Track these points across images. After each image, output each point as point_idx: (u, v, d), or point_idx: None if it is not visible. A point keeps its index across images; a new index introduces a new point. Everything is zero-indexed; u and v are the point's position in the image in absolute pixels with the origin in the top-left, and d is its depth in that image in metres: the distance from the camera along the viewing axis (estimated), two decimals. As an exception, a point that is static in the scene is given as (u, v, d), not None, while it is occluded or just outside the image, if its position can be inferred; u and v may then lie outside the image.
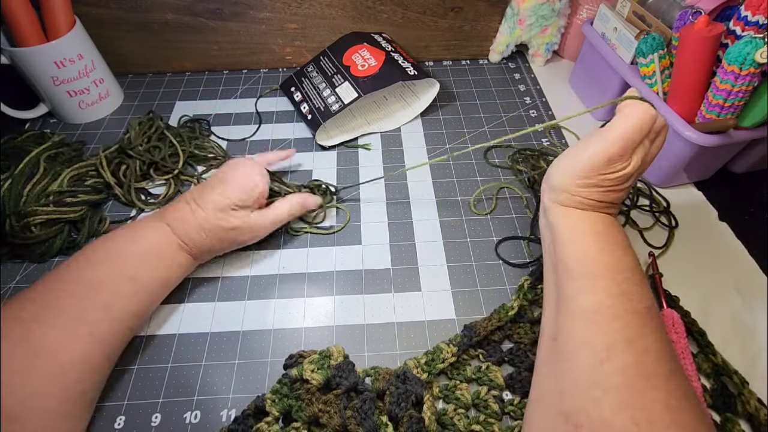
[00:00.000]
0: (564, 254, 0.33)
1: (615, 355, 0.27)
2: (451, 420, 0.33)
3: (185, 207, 0.39)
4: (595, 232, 0.33)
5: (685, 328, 0.37)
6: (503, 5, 0.62)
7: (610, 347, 0.27)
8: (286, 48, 0.64)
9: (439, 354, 0.36)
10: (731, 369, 0.36)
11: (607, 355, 0.27)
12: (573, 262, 0.32)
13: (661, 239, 0.46)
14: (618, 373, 0.26)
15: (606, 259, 0.32)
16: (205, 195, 0.39)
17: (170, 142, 0.51)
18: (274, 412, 0.32)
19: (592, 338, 0.28)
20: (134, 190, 0.48)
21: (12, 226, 0.41)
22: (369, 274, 0.43)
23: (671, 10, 0.48)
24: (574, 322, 0.30)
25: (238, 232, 0.40)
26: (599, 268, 0.31)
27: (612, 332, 0.28)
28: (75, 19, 0.53)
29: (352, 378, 0.34)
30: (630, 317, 0.28)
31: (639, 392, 0.25)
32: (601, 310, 0.29)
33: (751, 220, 0.48)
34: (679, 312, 0.39)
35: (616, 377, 0.26)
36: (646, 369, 0.26)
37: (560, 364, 0.29)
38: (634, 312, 0.29)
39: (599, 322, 0.29)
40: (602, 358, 0.27)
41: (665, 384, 0.26)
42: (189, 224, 0.38)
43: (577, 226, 0.34)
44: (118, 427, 0.34)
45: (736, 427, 0.33)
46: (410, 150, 0.55)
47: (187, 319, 0.40)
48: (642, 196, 0.49)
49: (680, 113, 0.44)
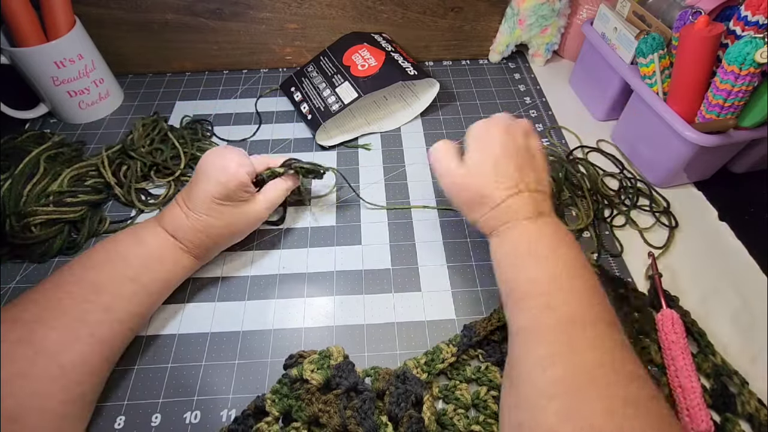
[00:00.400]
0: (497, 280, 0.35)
1: (554, 363, 0.28)
2: (450, 420, 0.33)
3: (178, 210, 0.39)
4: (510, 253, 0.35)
5: (685, 328, 0.37)
6: (503, 5, 0.62)
7: (548, 357, 0.28)
8: (286, 48, 0.64)
9: (438, 354, 0.36)
10: (731, 369, 0.36)
11: (547, 364, 0.28)
12: (503, 287, 0.34)
13: (662, 239, 0.46)
14: (558, 381, 0.27)
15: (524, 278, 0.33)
16: (191, 194, 0.39)
17: (173, 144, 0.51)
18: (274, 412, 0.33)
19: (530, 353, 0.29)
20: (134, 191, 0.48)
21: (12, 226, 0.41)
22: (369, 274, 0.43)
23: (671, 10, 0.48)
24: (515, 342, 0.31)
25: (233, 224, 0.40)
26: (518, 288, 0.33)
27: (544, 345, 0.29)
28: (75, 19, 0.53)
29: (352, 378, 0.34)
30: (558, 330, 0.29)
31: (580, 401, 0.25)
32: (529, 327, 0.30)
33: (751, 220, 0.48)
34: (679, 312, 0.38)
35: (557, 386, 0.27)
36: (584, 377, 0.26)
37: (513, 380, 0.30)
38: (560, 323, 0.29)
39: (530, 339, 0.30)
40: (543, 367, 0.28)
41: (605, 391, 0.26)
42: (185, 227, 0.38)
43: (496, 252, 0.36)
44: (118, 427, 0.34)
45: (737, 427, 0.33)
46: (410, 150, 0.55)
47: (187, 319, 0.40)
48: (642, 196, 0.49)
49: (680, 113, 0.44)
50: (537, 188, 0.36)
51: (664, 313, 0.38)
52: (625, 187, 0.50)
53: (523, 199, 0.35)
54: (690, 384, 0.34)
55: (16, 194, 0.42)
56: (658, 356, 0.37)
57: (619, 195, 0.49)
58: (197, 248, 0.39)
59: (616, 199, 0.49)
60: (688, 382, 0.34)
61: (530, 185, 0.36)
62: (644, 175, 0.51)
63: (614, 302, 0.39)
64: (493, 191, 0.35)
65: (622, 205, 0.48)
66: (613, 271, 0.43)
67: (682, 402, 0.33)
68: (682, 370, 0.34)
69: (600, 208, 0.48)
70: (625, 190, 0.50)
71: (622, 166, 0.52)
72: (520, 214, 0.35)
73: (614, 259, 0.44)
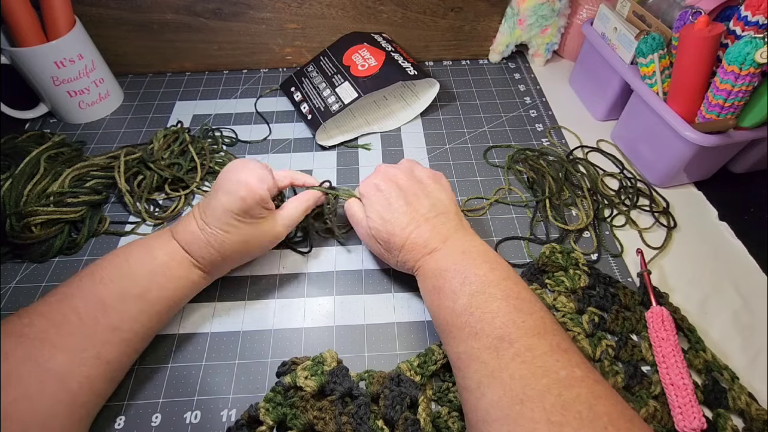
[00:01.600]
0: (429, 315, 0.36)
1: (485, 392, 0.28)
2: (445, 423, 0.33)
3: (193, 222, 0.37)
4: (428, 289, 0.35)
5: (675, 324, 0.37)
6: (503, 5, 0.62)
7: (478, 386, 0.29)
8: (286, 48, 0.64)
9: (431, 356, 0.36)
10: (721, 365, 0.36)
11: (480, 393, 0.28)
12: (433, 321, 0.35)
13: (661, 239, 0.45)
14: (493, 407, 0.27)
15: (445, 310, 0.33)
16: (209, 207, 0.37)
17: (191, 157, 0.51)
18: (268, 421, 0.32)
19: (465, 382, 0.30)
20: (144, 201, 0.48)
21: (12, 226, 0.41)
22: (369, 274, 0.43)
23: (671, 10, 0.48)
24: (454, 371, 0.32)
25: (248, 242, 0.38)
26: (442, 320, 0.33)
27: (474, 373, 0.29)
28: (75, 19, 0.53)
29: (346, 383, 0.34)
30: (485, 354, 0.29)
31: (518, 418, 0.26)
32: (460, 357, 0.31)
33: (751, 220, 0.48)
34: (669, 309, 0.39)
35: (494, 411, 0.27)
36: (517, 395, 0.27)
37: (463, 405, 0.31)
38: (486, 347, 0.29)
39: (462, 368, 0.30)
40: (477, 396, 0.28)
41: (540, 404, 0.26)
42: (199, 241, 0.36)
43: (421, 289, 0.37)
44: (118, 427, 0.34)
45: (729, 422, 0.33)
46: (410, 150, 0.55)
47: (187, 320, 0.40)
48: (642, 196, 0.49)
49: (680, 113, 0.44)
50: (435, 212, 0.37)
51: (653, 311, 0.38)
52: (625, 187, 0.50)
53: (422, 232, 0.36)
54: (682, 381, 0.34)
55: (16, 194, 0.42)
56: (649, 354, 0.37)
57: (619, 195, 0.49)
58: (208, 264, 0.37)
59: (616, 199, 0.49)
60: (680, 379, 0.34)
61: (426, 214, 0.37)
62: (644, 175, 0.51)
63: (605, 301, 0.40)
64: (393, 235, 0.37)
65: (622, 205, 0.48)
66: (613, 271, 0.43)
67: (675, 399, 0.34)
68: (673, 367, 0.35)
69: (600, 208, 0.48)
70: (625, 190, 0.50)
71: (622, 166, 0.52)
72: (425, 248, 0.36)
73: (614, 259, 0.44)
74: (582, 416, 0.25)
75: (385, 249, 0.38)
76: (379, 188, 0.39)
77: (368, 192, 0.40)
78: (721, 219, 0.48)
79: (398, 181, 0.39)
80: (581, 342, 0.37)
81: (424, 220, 0.37)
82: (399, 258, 0.38)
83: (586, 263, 0.42)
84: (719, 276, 0.43)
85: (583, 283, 0.41)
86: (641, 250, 0.43)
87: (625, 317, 0.39)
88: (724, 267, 0.44)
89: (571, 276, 0.41)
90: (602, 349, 0.37)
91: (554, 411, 0.25)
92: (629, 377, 0.36)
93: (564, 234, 0.46)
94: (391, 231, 0.37)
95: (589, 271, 0.42)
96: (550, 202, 0.48)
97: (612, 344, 0.37)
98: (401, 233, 0.37)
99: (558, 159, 0.52)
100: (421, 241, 0.36)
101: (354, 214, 0.41)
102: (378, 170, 0.41)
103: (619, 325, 0.38)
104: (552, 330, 0.30)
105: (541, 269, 0.42)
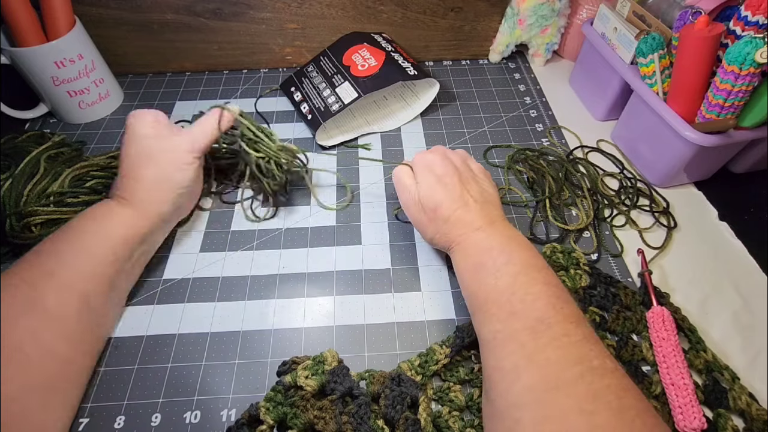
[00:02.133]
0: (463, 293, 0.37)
1: (520, 374, 0.28)
2: (446, 422, 0.33)
3: None
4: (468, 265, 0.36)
5: (676, 324, 0.37)
6: (503, 5, 0.62)
7: (514, 369, 0.28)
8: (286, 48, 0.64)
9: (432, 356, 0.36)
10: (722, 364, 0.36)
11: (515, 376, 0.28)
12: (468, 299, 0.36)
13: (661, 239, 0.45)
14: (528, 390, 0.27)
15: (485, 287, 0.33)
16: None
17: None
18: (268, 421, 0.32)
19: (499, 363, 0.30)
20: None
21: (12, 226, 0.41)
22: (369, 274, 0.43)
23: (671, 10, 0.48)
24: (484, 352, 0.32)
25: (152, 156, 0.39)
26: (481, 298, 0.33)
27: (510, 354, 0.29)
28: (75, 19, 0.53)
29: (346, 383, 0.34)
30: (523, 335, 0.29)
31: (551, 404, 0.26)
32: (496, 336, 0.31)
33: (751, 220, 0.48)
34: (670, 308, 0.38)
35: (527, 395, 0.27)
36: (552, 380, 0.27)
37: (487, 391, 0.30)
38: (524, 328, 0.29)
39: (498, 348, 0.30)
40: (512, 379, 0.28)
41: (573, 390, 0.26)
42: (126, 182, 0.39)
43: (458, 265, 0.37)
44: (118, 427, 0.34)
45: (729, 422, 0.33)
46: (410, 150, 0.55)
47: (187, 319, 0.40)
48: (642, 196, 0.49)
49: (680, 113, 0.44)
50: (483, 198, 0.38)
51: (654, 311, 0.38)
52: (625, 187, 0.50)
53: (471, 210, 0.37)
54: (682, 381, 0.34)
55: (16, 194, 0.42)
56: (650, 354, 0.37)
57: (619, 195, 0.49)
58: (126, 192, 0.39)
59: (616, 199, 0.49)
60: (680, 379, 0.34)
61: (475, 196, 0.38)
62: (644, 175, 0.51)
63: (605, 301, 0.40)
64: (442, 205, 0.38)
65: (622, 205, 0.48)
66: (613, 271, 0.43)
67: (675, 399, 0.34)
68: (674, 367, 0.35)
69: (600, 208, 0.48)
70: (625, 190, 0.50)
71: (622, 166, 0.52)
72: (472, 225, 0.37)
73: (614, 259, 0.44)
74: (612, 406, 0.25)
75: (429, 218, 0.39)
76: (435, 162, 0.40)
77: (423, 162, 0.41)
78: (721, 219, 0.48)
79: (454, 162, 0.41)
80: (581, 342, 0.37)
81: (473, 200, 0.38)
82: (442, 229, 0.38)
83: (586, 263, 0.42)
84: (719, 276, 0.43)
85: (584, 283, 0.41)
86: (642, 250, 0.43)
87: (625, 317, 0.39)
88: (724, 267, 0.44)
89: (572, 276, 0.41)
90: (603, 349, 0.37)
91: (586, 399, 0.25)
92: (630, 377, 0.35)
93: (564, 234, 0.46)
94: (440, 201, 0.38)
95: (590, 271, 0.42)
96: (550, 202, 0.48)
97: (613, 344, 0.37)
98: (451, 205, 0.37)
99: (558, 159, 0.52)
100: (469, 218, 0.37)
101: (402, 178, 0.42)
102: (435, 149, 0.42)
103: (619, 325, 0.38)
104: (585, 322, 0.31)
105: (542, 269, 0.42)
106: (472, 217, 0.37)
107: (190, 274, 0.43)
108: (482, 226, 0.36)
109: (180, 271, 0.43)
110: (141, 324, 0.39)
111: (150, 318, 0.40)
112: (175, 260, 0.44)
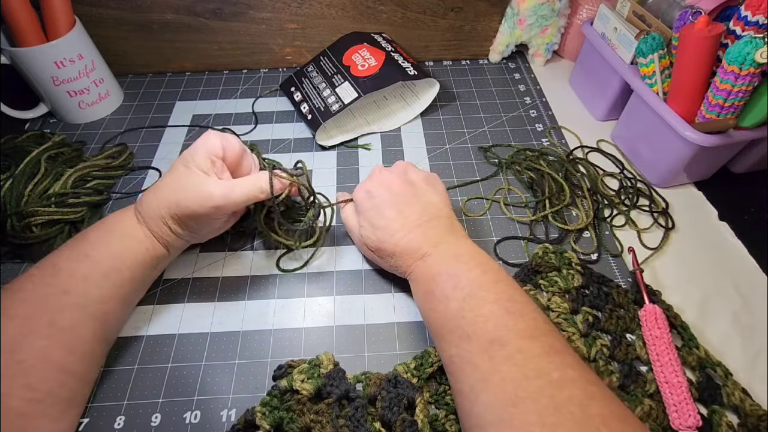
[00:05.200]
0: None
1: (478, 395, 0.28)
2: (443, 426, 0.33)
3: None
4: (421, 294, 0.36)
5: (669, 322, 0.37)
6: (503, 5, 0.62)
7: (471, 390, 0.29)
8: (286, 48, 0.64)
9: (427, 358, 0.36)
10: (715, 361, 0.36)
11: (473, 397, 0.28)
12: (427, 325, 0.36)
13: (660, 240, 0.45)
14: (486, 410, 0.27)
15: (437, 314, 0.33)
16: None
17: None
18: (264, 425, 0.32)
19: (457, 386, 0.30)
20: None
21: (13, 226, 0.41)
22: (369, 274, 0.43)
23: (671, 10, 0.48)
24: (449, 375, 0.32)
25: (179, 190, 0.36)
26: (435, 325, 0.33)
27: (467, 377, 0.29)
28: (75, 19, 0.53)
29: (343, 386, 0.34)
30: (477, 358, 0.29)
31: (512, 421, 0.26)
32: (453, 361, 0.31)
33: (751, 220, 0.48)
34: (662, 306, 0.38)
35: (487, 415, 0.27)
36: (509, 398, 0.27)
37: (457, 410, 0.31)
38: (479, 351, 0.29)
39: (456, 372, 0.31)
40: (471, 400, 0.28)
41: (533, 405, 0.26)
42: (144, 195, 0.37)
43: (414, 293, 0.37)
44: (118, 427, 0.34)
45: (724, 418, 0.33)
46: (410, 150, 0.55)
47: (187, 319, 0.40)
48: (642, 196, 0.49)
49: (680, 113, 0.44)
50: (426, 217, 0.37)
51: (646, 309, 0.38)
52: (625, 187, 0.50)
53: (413, 238, 0.37)
54: (676, 379, 0.34)
55: (17, 194, 0.42)
56: (643, 352, 0.37)
57: (619, 195, 0.49)
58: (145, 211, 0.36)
59: (616, 199, 0.49)
60: (674, 377, 0.34)
61: (416, 220, 0.37)
62: (644, 175, 0.51)
63: (598, 300, 0.40)
64: (383, 244, 0.38)
65: (622, 205, 0.48)
66: (613, 271, 0.43)
67: (669, 397, 0.34)
68: (668, 365, 0.35)
69: (600, 208, 0.48)
70: (625, 190, 0.50)
71: (622, 166, 0.52)
72: (417, 253, 0.36)
73: (614, 259, 0.44)
74: (575, 417, 0.25)
75: (379, 256, 0.39)
76: (372, 195, 0.39)
77: (360, 198, 0.40)
78: (721, 219, 0.48)
79: (391, 187, 0.39)
80: (576, 342, 0.37)
81: (414, 226, 0.37)
82: (392, 263, 0.38)
83: (579, 263, 0.42)
84: (719, 276, 0.43)
85: (577, 283, 0.40)
86: (633, 248, 0.43)
87: (619, 316, 0.39)
88: (724, 267, 0.44)
89: (564, 276, 0.41)
90: (597, 348, 0.37)
91: (547, 413, 0.25)
92: (624, 376, 0.36)
93: (564, 234, 0.46)
94: (382, 238, 0.38)
95: (582, 270, 0.41)
96: (549, 202, 0.48)
97: (607, 344, 0.37)
98: (391, 240, 0.37)
99: (558, 159, 0.52)
100: (412, 247, 0.36)
101: (346, 220, 0.43)
102: (372, 175, 0.42)
103: (613, 325, 0.38)
104: (545, 332, 0.30)
105: (535, 270, 0.42)
106: (416, 244, 0.36)
107: (190, 274, 0.43)
108: (427, 251, 0.36)
109: (180, 271, 0.43)
110: (141, 324, 0.39)
111: (150, 318, 0.40)
112: (175, 260, 0.44)
